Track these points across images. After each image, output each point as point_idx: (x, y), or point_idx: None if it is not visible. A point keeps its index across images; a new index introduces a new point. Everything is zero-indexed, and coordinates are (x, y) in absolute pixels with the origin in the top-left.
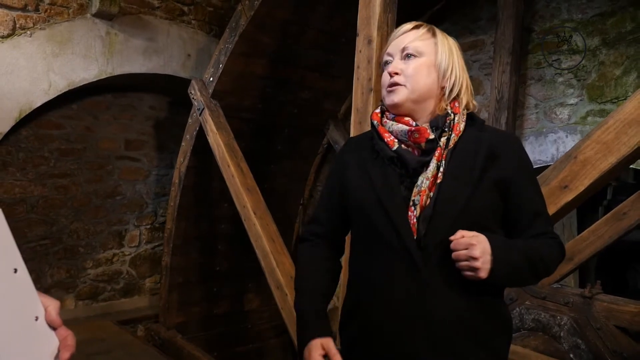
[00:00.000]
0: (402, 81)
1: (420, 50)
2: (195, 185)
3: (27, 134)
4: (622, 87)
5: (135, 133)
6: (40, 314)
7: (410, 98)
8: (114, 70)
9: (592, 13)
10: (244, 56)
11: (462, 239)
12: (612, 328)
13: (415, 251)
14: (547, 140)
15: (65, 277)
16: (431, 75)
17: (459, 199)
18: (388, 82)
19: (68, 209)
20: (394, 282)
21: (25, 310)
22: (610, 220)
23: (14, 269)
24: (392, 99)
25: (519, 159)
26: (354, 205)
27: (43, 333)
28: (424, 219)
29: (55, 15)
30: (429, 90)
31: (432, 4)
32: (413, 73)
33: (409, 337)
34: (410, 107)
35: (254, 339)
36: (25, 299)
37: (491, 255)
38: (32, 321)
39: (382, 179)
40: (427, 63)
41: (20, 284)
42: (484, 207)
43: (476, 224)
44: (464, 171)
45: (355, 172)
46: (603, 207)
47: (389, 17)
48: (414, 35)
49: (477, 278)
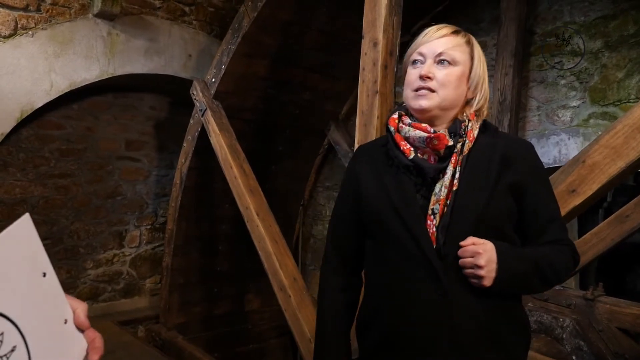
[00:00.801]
0: (435, 87)
1: (457, 59)
2: (197, 186)
3: (28, 134)
4: (624, 90)
5: (135, 133)
6: (69, 317)
7: (439, 106)
8: (116, 71)
9: (594, 16)
10: (246, 57)
11: (469, 247)
12: (614, 330)
13: (435, 260)
14: (549, 142)
15: (65, 278)
16: (462, 86)
17: (475, 206)
18: (418, 84)
19: (68, 209)
20: (415, 291)
21: (55, 314)
22: (612, 223)
23: (43, 273)
24: (420, 103)
25: (533, 165)
26: (370, 215)
27: (72, 335)
28: (442, 228)
29: (56, 16)
30: (457, 100)
31: (434, 6)
32: (446, 82)
33: (431, 344)
34: (436, 114)
35: (255, 339)
36: (55, 302)
37: (496, 264)
38: (61, 324)
39: (398, 188)
40: (460, 73)
41: (49, 287)
42: (500, 213)
43: (493, 230)
44: (479, 178)
45: (369, 181)
46: (603, 209)
47: (394, 20)
48: (452, 42)
49: (481, 286)
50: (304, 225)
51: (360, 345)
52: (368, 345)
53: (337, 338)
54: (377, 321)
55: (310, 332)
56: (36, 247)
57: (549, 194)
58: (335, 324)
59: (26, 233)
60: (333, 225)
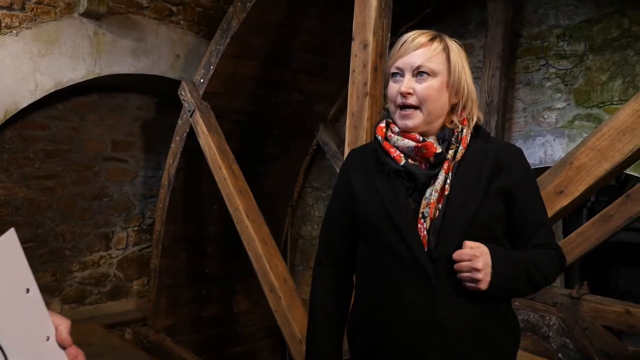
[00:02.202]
0: (415, 102)
1: (435, 70)
2: (185, 187)
3: (12, 135)
4: (608, 92)
5: (122, 134)
6: (51, 334)
7: (425, 122)
8: (102, 71)
9: (578, 19)
10: (235, 58)
11: (466, 250)
12: (599, 328)
13: (426, 263)
14: (535, 143)
15: (50, 281)
16: (444, 95)
17: (467, 210)
18: (399, 101)
19: (54, 211)
20: (406, 295)
21: (37, 330)
22: (597, 223)
23: (26, 289)
24: (406, 123)
25: (524, 172)
26: (362, 219)
27: (54, 352)
28: (433, 231)
29: (41, 14)
30: (441, 110)
31: (422, 8)
32: (426, 96)
33: (422, 347)
34: (423, 129)
35: (244, 340)
36: (37, 319)
37: (491, 268)
38: (43, 341)
39: (390, 192)
40: (440, 83)
41: (32, 304)
42: (492, 218)
43: (485, 234)
44: (471, 182)
45: (361, 185)
46: (587, 209)
47: (384, 22)
48: (428, 52)
49: (477, 289)
50: (293, 226)
51: (350, 347)
52: (359, 347)
53: (329, 342)
54: (368, 324)
55: (300, 333)
56: (20, 263)
57: (537, 199)
58: (327, 328)
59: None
60: (325, 228)
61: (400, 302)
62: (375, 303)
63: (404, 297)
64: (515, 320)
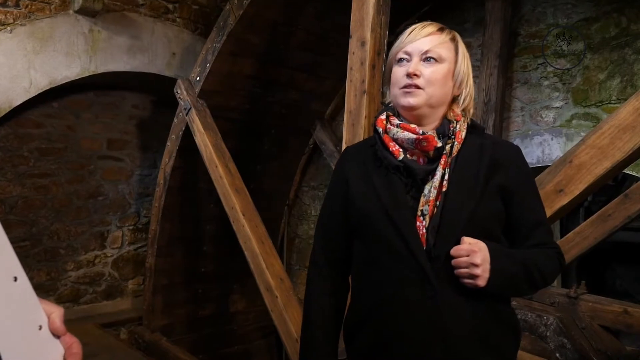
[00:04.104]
0: (422, 84)
1: (443, 56)
2: (181, 185)
3: (6, 133)
4: (606, 91)
5: (117, 132)
6: (43, 323)
7: (427, 103)
8: (97, 68)
9: (577, 18)
10: (231, 56)
11: (464, 246)
12: (596, 327)
13: (425, 262)
14: (532, 142)
15: (45, 280)
16: (448, 84)
17: (465, 207)
18: (405, 82)
19: (48, 209)
20: (405, 293)
21: (28, 320)
22: (595, 222)
23: (14, 277)
24: (408, 100)
25: (522, 170)
26: (359, 216)
27: (47, 342)
28: (432, 229)
29: (36, 11)
30: (444, 97)
31: (420, 6)
32: (433, 79)
33: (422, 346)
34: (424, 112)
35: (240, 340)
36: (28, 308)
37: (489, 264)
38: (35, 330)
39: (388, 189)
40: (447, 71)
41: (21, 292)
42: (489, 215)
43: (483, 232)
44: (468, 179)
45: (358, 182)
46: (584, 208)
47: (382, 20)
48: (438, 39)
49: (475, 286)
50: (289, 225)
51: (348, 348)
52: (357, 348)
53: (324, 342)
54: (366, 324)
55: (297, 333)
56: (6, 251)
57: (536, 198)
58: (322, 328)
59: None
60: (321, 226)
61: (400, 301)
62: (374, 303)
63: (403, 296)
64: (515, 320)
